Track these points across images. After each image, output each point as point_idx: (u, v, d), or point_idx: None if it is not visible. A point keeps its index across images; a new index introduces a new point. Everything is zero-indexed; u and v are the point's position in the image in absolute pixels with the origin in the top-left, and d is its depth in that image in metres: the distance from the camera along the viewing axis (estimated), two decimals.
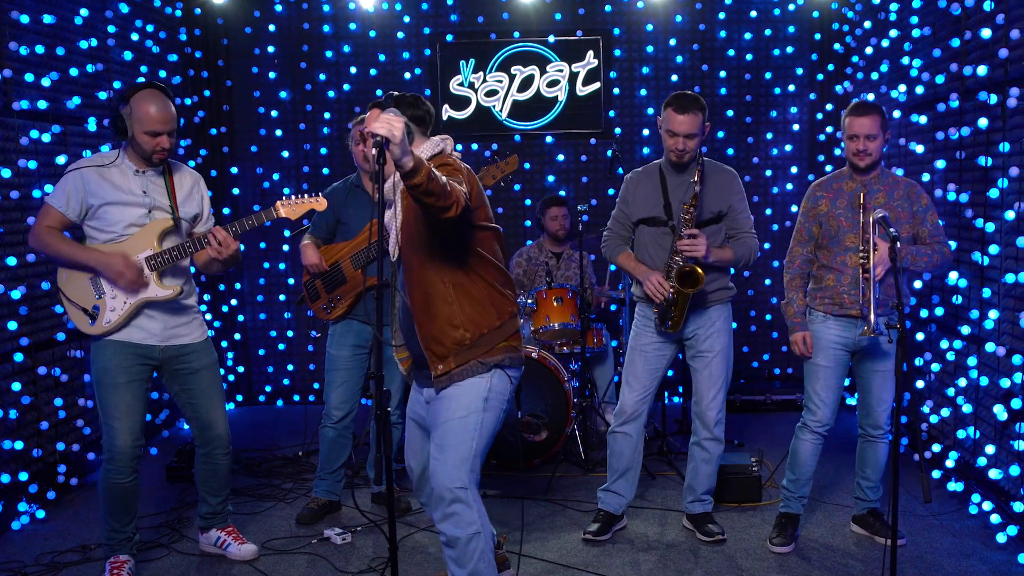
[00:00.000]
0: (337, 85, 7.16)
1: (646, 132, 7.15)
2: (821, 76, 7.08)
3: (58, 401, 5.08)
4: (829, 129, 7.04)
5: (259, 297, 7.38)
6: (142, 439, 3.99)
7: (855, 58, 6.81)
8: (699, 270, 4.09)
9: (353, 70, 7.13)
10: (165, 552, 4.40)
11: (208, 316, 7.02)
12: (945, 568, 4.08)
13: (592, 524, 4.49)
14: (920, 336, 5.51)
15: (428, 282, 3.21)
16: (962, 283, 4.94)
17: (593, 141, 7.21)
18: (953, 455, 4.96)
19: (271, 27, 7.09)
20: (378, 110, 3.21)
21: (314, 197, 4.22)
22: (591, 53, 7.11)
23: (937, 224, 4.20)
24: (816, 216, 4.24)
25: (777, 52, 7.10)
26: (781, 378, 7.39)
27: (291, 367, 7.46)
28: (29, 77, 4.93)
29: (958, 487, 4.88)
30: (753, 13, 7.05)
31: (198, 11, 6.98)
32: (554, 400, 5.41)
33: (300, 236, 4.83)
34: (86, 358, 4.08)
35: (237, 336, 7.37)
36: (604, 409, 5.99)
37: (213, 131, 7.15)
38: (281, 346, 7.42)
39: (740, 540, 4.44)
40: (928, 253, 4.12)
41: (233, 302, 7.34)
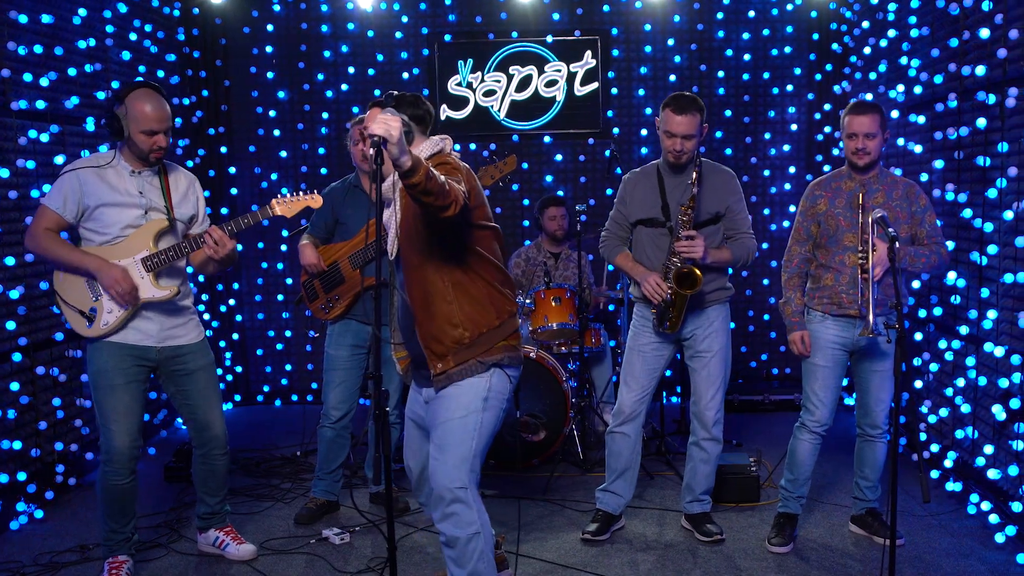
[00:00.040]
0: (335, 85, 7.16)
1: (644, 132, 7.15)
2: (819, 76, 7.08)
3: (56, 401, 5.08)
4: (827, 129, 7.04)
5: (257, 297, 7.38)
6: (140, 440, 3.99)
7: (853, 58, 6.81)
8: (697, 271, 4.09)
9: (351, 70, 7.13)
10: (163, 552, 4.39)
11: (206, 316, 7.02)
12: (944, 568, 4.09)
13: (590, 524, 4.49)
14: (918, 336, 5.52)
15: (427, 281, 3.20)
16: (960, 283, 4.94)
17: (591, 141, 7.21)
18: (951, 455, 4.96)
19: (269, 27, 7.09)
20: (378, 109, 3.21)
21: (309, 194, 4.21)
22: (589, 53, 7.11)
23: (935, 225, 4.20)
24: (815, 215, 4.24)
25: (775, 52, 7.10)
26: (779, 378, 7.39)
27: (289, 367, 7.46)
28: (27, 77, 4.93)
29: (956, 487, 4.88)
30: (751, 13, 7.05)
31: (196, 11, 6.97)
32: (552, 400, 5.41)
33: (298, 236, 4.83)
34: (84, 358, 4.08)
35: (235, 336, 7.37)
36: (602, 409, 5.99)
37: (211, 131, 7.14)
38: (279, 346, 7.42)
39: (738, 540, 4.44)
40: (926, 254, 4.12)
41: (231, 302, 7.33)
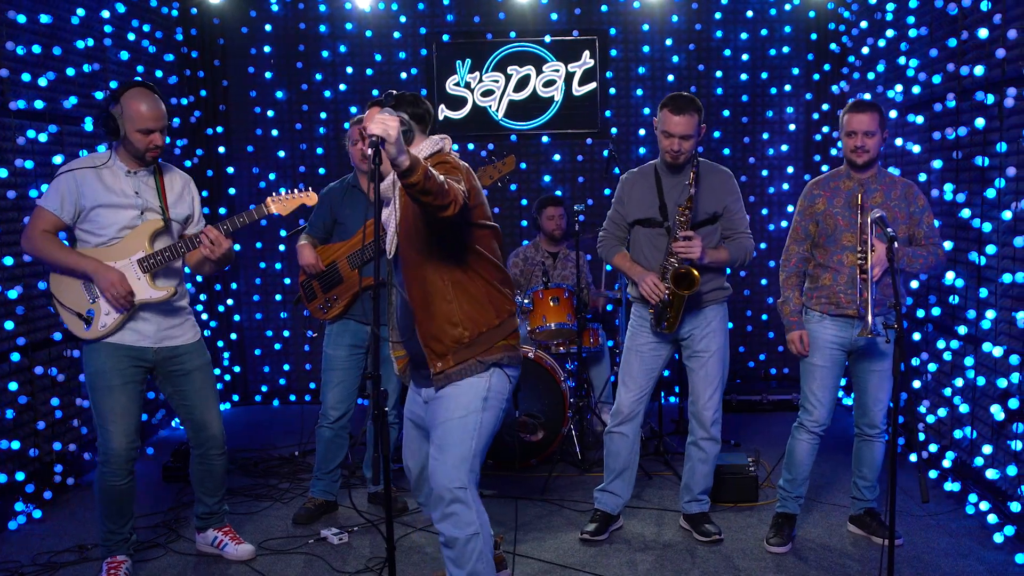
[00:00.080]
0: (333, 85, 7.15)
1: (642, 132, 7.15)
2: (817, 76, 7.08)
3: (55, 401, 5.07)
4: (825, 129, 7.04)
5: (255, 297, 7.37)
6: (137, 441, 3.98)
7: (851, 58, 6.82)
8: (694, 272, 4.09)
9: (349, 70, 7.13)
10: (162, 552, 4.39)
11: (204, 316, 7.02)
12: (942, 568, 4.09)
13: (589, 524, 4.49)
14: (917, 336, 5.52)
15: (427, 280, 3.20)
16: (959, 283, 4.95)
17: (589, 141, 7.21)
18: (950, 455, 4.96)
19: (267, 27, 7.08)
20: (376, 109, 3.21)
21: (304, 192, 4.21)
22: (587, 53, 7.11)
23: (933, 225, 4.20)
24: (813, 215, 4.24)
25: (773, 52, 7.10)
26: (777, 378, 7.39)
27: (287, 367, 7.45)
28: (26, 77, 4.93)
29: (955, 487, 4.88)
30: (749, 13, 7.05)
31: (194, 11, 6.96)
32: (550, 400, 5.41)
33: (296, 236, 4.83)
34: (81, 359, 4.08)
35: (233, 336, 7.36)
36: (600, 409, 5.99)
37: (209, 131, 7.13)
38: (277, 346, 7.41)
39: (737, 540, 4.44)
40: (924, 255, 4.12)
41: (229, 302, 7.33)
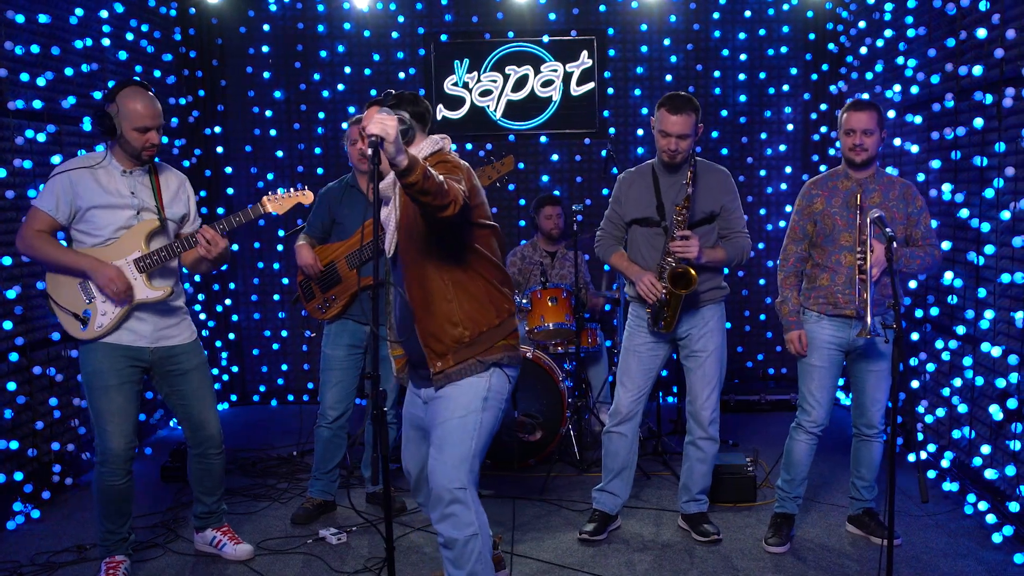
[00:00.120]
0: (331, 85, 7.15)
1: (640, 132, 7.15)
2: (815, 76, 7.09)
3: (53, 401, 5.07)
4: (823, 129, 7.05)
5: (253, 297, 7.37)
6: (135, 441, 3.97)
7: (849, 58, 6.82)
8: (692, 271, 4.09)
9: (347, 70, 7.12)
10: (160, 552, 4.39)
11: (202, 316, 7.02)
12: (940, 568, 4.09)
13: (587, 524, 4.49)
14: (915, 336, 5.52)
15: (427, 279, 3.19)
16: (957, 283, 4.95)
17: (587, 141, 7.21)
18: (948, 455, 4.97)
19: (265, 27, 7.08)
20: (376, 108, 3.20)
21: (300, 191, 4.21)
22: (585, 53, 7.11)
23: (930, 226, 4.19)
24: (811, 214, 4.23)
25: (771, 52, 7.10)
26: (775, 378, 7.40)
27: (285, 367, 7.45)
28: (24, 77, 4.92)
29: (953, 487, 4.88)
30: (747, 13, 7.05)
31: (192, 11, 6.96)
32: (549, 400, 5.41)
33: (295, 236, 4.83)
34: (78, 359, 4.08)
35: (231, 336, 7.36)
36: (599, 409, 5.99)
37: (207, 131, 7.12)
38: (275, 346, 7.41)
39: (736, 540, 4.44)
40: (921, 256, 4.13)
41: (227, 302, 7.32)
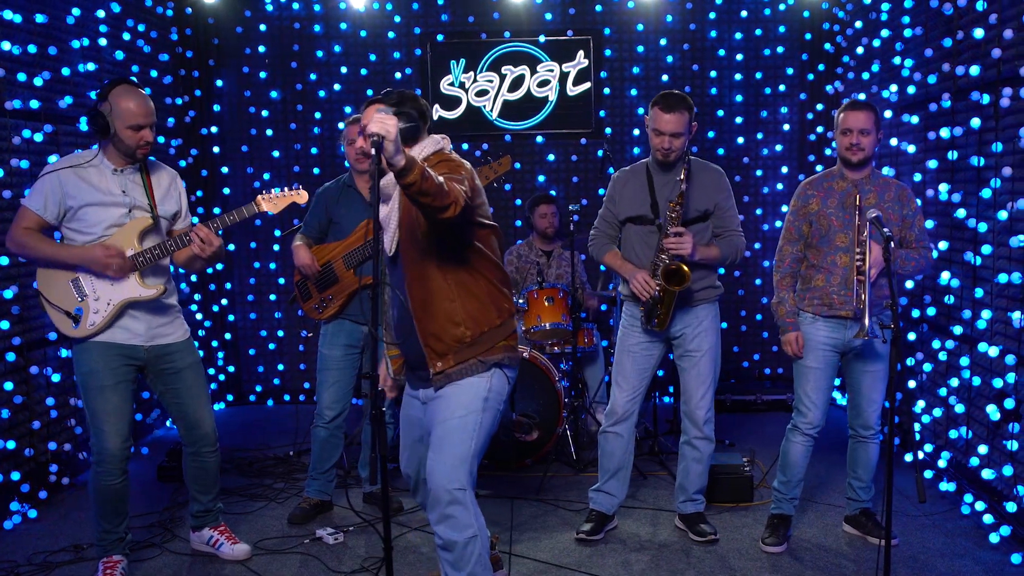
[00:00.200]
0: (328, 85, 7.14)
1: (636, 132, 7.16)
2: (812, 76, 7.09)
3: (50, 401, 5.06)
4: (820, 129, 7.06)
5: (249, 297, 7.36)
6: (131, 440, 3.97)
7: (846, 58, 6.83)
8: (685, 268, 4.09)
9: (344, 70, 7.12)
10: (158, 552, 4.38)
11: (198, 316, 7.00)
12: (938, 568, 4.09)
13: (584, 524, 4.49)
14: (912, 336, 5.53)
15: (429, 278, 3.19)
16: (954, 283, 4.96)
17: (584, 141, 7.21)
18: (945, 455, 4.98)
19: (262, 27, 7.07)
20: (374, 107, 3.19)
21: (294, 190, 4.20)
22: (581, 53, 7.11)
23: (924, 228, 4.19)
24: (807, 215, 4.23)
25: (767, 52, 7.11)
26: (771, 378, 7.41)
27: (282, 367, 7.44)
28: (21, 76, 4.91)
29: (950, 487, 4.89)
30: (744, 13, 7.06)
31: (189, 11, 6.95)
32: (545, 400, 5.41)
33: (291, 236, 4.82)
34: (72, 358, 4.06)
35: (227, 335, 7.35)
36: (595, 409, 5.99)
37: (204, 131, 7.12)
38: (272, 345, 7.40)
39: (732, 540, 4.44)
40: (915, 258, 4.13)
41: (223, 302, 7.31)
